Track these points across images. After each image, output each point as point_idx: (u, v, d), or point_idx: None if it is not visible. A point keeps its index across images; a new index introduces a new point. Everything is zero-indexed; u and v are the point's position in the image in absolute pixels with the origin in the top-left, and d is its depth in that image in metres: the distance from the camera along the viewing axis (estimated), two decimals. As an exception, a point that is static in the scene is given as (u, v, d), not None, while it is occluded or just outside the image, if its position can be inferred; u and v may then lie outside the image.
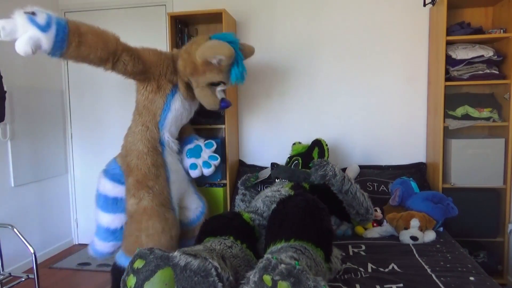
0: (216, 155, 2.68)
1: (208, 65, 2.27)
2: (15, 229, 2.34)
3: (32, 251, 2.25)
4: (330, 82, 3.17)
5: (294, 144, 2.98)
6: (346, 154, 3.19)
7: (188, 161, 2.63)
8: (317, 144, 2.69)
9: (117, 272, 2.35)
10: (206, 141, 2.71)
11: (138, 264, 1.33)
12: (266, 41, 3.24)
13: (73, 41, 1.89)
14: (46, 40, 1.79)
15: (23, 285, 2.54)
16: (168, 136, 2.44)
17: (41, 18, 1.79)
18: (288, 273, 1.20)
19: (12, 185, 3.06)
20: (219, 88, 2.40)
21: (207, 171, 2.61)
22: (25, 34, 1.74)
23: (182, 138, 2.67)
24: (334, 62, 3.15)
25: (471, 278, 1.73)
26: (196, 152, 2.67)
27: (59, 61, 3.58)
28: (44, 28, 1.77)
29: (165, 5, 3.38)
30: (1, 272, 2.47)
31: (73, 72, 3.63)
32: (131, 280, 1.33)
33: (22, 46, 1.75)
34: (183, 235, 2.54)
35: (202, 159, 2.64)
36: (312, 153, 2.68)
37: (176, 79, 2.39)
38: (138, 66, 2.20)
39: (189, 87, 2.43)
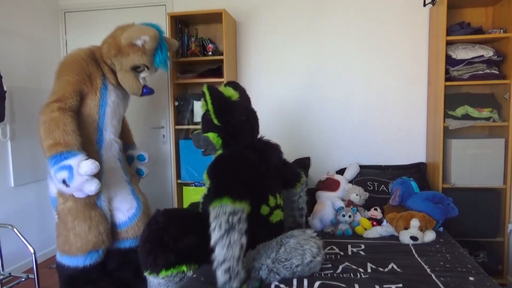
0: (143, 154, 2.80)
1: (133, 46, 2.34)
2: (15, 229, 2.34)
3: (32, 251, 2.25)
4: (330, 82, 3.17)
5: None
6: (346, 153, 3.19)
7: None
8: (203, 95, 2.00)
9: (62, 270, 2.35)
10: (139, 153, 2.81)
11: None
12: (266, 41, 3.24)
13: None
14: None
15: (23, 285, 2.54)
16: (111, 132, 2.45)
17: (63, 176, 2.04)
18: None
19: (12, 185, 3.06)
20: (142, 75, 2.47)
21: (144, 175, 2.84)
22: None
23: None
24: (334, 62, 3.15)
25: (471, 278, 1.72)
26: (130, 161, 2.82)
27: (59, 61, 3.57)
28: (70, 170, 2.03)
29: (165, 5, 3.38)
30: (1, 272, 2.47)
31: (73, 72, 3.62)
32: None
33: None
34: (113, 236, 2.49)
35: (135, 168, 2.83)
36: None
37: (100, 70, 2.40)
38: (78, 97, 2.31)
39: (115, 73, 2.45)
